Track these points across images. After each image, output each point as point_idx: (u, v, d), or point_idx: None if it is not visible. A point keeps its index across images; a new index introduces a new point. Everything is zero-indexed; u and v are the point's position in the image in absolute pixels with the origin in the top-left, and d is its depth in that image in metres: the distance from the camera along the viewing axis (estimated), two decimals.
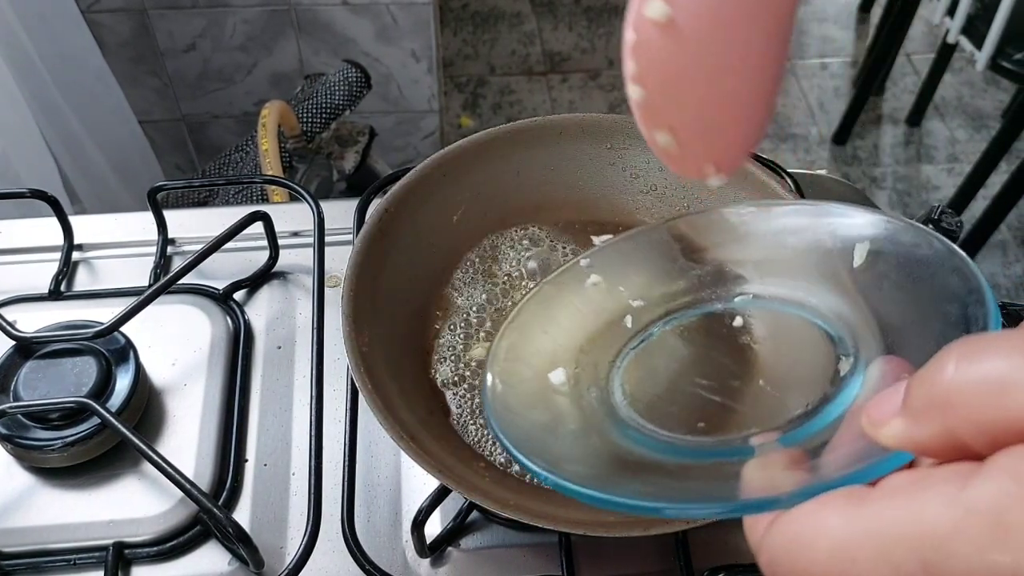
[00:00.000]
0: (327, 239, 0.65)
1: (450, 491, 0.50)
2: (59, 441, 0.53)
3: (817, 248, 0.38)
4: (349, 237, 0.63)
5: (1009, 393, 0.19)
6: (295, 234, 0.69)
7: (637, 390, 0.40)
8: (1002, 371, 0.20)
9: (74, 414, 0.54)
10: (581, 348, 0.42)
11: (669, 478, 0.34)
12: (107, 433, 0.54)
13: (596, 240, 0.59)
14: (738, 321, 0.42)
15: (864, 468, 0.23)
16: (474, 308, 0.59)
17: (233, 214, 0.64)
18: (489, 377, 0.39)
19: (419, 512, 0.50)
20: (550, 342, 0.42)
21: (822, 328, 0.36)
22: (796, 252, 0.39)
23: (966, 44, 1.57)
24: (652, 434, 0.36)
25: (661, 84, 0.28)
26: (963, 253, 0.31)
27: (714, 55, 0.27)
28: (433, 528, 0.53)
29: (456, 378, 0.56)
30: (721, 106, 0.28)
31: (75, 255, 0.67)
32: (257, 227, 0.65)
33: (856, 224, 0.36)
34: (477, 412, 0.54)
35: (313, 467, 0.52)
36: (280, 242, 0.66)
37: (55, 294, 0.63)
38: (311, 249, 0.63)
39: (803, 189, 0.66)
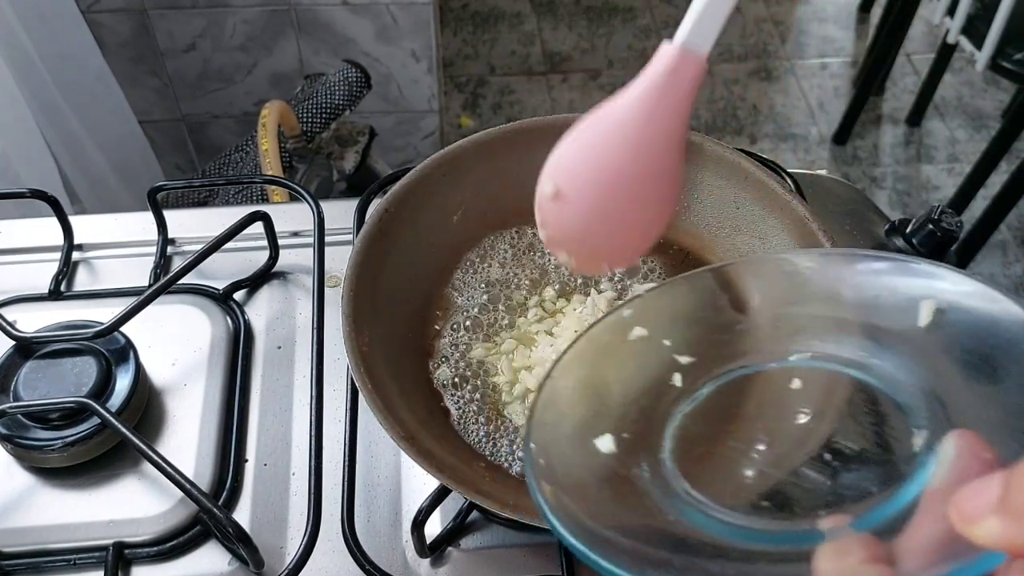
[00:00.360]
0: (327, 239, 0.65)
1: (450, 491, 0.50)
2: (59, 441, 0.53)
3: (878, 304, 0.35)
4: (349, 237, 0.63)
5: None
6: (295, 234, 0.69)
7: (690, 460, 0.36)
8: None
9: (74, 414, 0.54)
10: (627, 409, 0.39)
11: (732, 564, 0.31)
12: (107, 433, 0.54)
13: (639, 288, 0.57)
14: (796, 383, 0.38)
15: (954, 571, 0.22)
16: (474, 308, 0.59)
17: (233, 214, 0.64)
18: (533, 448, 0.35)
19: (419, 512, 0.50)
20: (594, 403, 0.39)
21: (889, 395, 0.34)
22: (855, 307, 0.37)
23: (966, 44, 1.57)
24: (712, 513, 0.33)
25: (556, 229, 0.42)
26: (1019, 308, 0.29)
27: (589, 211, 0.40)
28: (433, 528, 0.53)
29: (456, 378, 0.55)
30: (601, 241, 0.41)
31: (75, 255, 0.67)
32: (257, 227, 0.65)
33: (922, 280, 0.34)
34: (477, 412, 0.54)
35: (313, 467, 0.52)
36: (280, 242, 0.66)
37: (55, 294, 0.63)
38: (311, 249, 0.63)
39: (803, 189, 0.66)
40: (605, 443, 0.36)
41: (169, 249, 0.67)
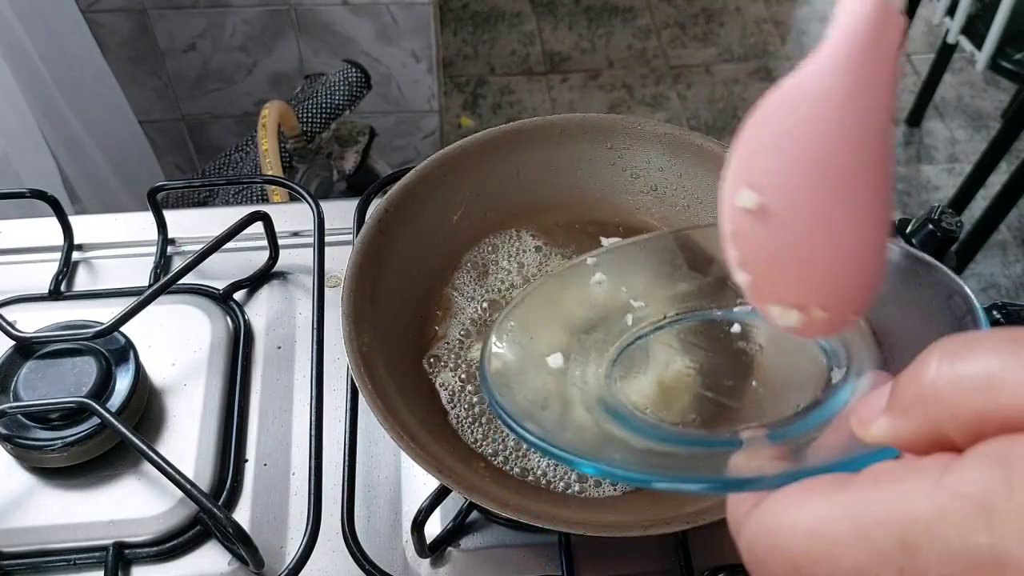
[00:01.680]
0: (327, 239, 0.65)
1: (450, 491, 0.50)
2: (59, 441, 0.53)
3: None
4: (349, 237, 0.63)
5: (992, 388, 0.20)
6: (295, 234, 0.69)
7: (633, 383, 0.41)
8: (983, 367, 0.20)
9: (74, 414, 0.54)
10: (580, 338, 0.43)
11: (658, 459, 0.35)
12: (107, 433, 0.54)
13: (604, 241, 0.60)
14: (736, 328, 0.44)
15: (850, 458, 0.24)
16: (474, 308, 0.59)
17: (233, 214, 0.64)
18: (489, 353, 0.40)
19: (419, 512, 0.50)
20: (550, 330, 0.44)
21: (815, 341, 0.37)
22: None
23: (966, 44, 1.57)
24: (644, 421, 0.37)
25: (764, 267, 0.29)
26: (952, 274, 0.31)
27: (808, 233, 0.27)
28: (433, 528, 0.53)
29: (456, 378, 0.55)
30: (824, 276, 0.28)
31: (75, 255, 0.67)
32: (257, 227, 0.65)
33: None
34: (477, 412, 0.54)
35: (313, 467, 0.52)
36: (280, 242, 0.66)
37: (55, 294, 0.63)
38: (311, 249, 0.63)
39: None
40: (555, 360, 0.41)
41: (169, 249, 0.67)
